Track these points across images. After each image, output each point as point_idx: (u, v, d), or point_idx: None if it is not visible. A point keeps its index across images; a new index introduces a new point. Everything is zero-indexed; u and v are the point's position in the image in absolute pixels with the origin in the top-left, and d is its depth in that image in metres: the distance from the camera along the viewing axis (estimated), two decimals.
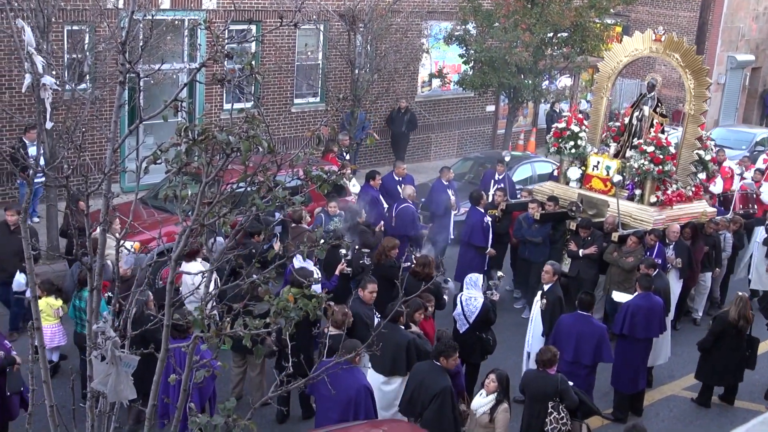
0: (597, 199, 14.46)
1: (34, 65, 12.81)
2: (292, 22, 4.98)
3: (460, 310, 10.82)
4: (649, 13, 31.61)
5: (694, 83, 14.24)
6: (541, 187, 15.57)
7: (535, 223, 13.99)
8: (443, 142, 24.70)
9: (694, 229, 13.95)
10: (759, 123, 33.14)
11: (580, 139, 14.78)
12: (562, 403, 9.16)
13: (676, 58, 14.35)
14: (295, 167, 4.50)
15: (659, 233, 13.47)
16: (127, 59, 4.40)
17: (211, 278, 4.61)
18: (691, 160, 14.45)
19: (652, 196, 14.10)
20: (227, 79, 4.56)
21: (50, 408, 4.71)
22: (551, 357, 9.32)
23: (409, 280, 10.89)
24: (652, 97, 14.74)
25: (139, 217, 13.73)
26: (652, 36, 14.56)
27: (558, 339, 10.71)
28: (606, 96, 15.27)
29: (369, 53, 19.62)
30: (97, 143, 17.46)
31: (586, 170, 14.84)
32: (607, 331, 10.87)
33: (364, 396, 8.57)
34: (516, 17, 20.20)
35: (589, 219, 13.88)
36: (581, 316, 10.72)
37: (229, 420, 4.28)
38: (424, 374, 8.96)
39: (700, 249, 14.08)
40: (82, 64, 14.65)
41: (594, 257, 13.39)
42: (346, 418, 8.37)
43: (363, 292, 10.25)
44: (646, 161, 13.87)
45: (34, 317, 4.77)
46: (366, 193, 15.16)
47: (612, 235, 13.50)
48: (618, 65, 15.13)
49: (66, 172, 4.85)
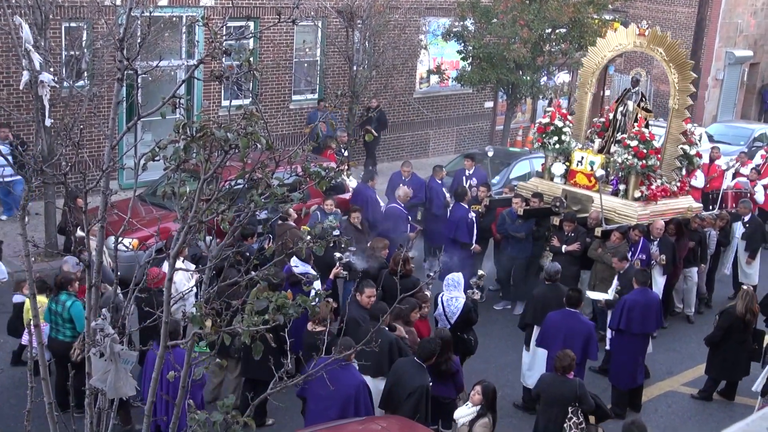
0: (581, 194, 14.36)
1: (31, 62, 12.84)
2: (290, 19, 4.97)
3: (441, 311, 10.63)
4: (648, 8, 31.59)
5: (678, 77, 14.13)
6: (525, 183, 15.48)
7: (518, 218, 13.88)
8: (441, 139, 24.69)
9: (678, 225, 13.84)
10: (757, 119, 33.15)
11: (564, 135, 14.67)
12: (581, 407, 9.10)
13: (660, 52, 14.22)
14: (294, 164, 4.49)
15: (643, 229, 13.36)
16: (125, 56, 4.39)
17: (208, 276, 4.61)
18: (676, 155, 14.34)
19: (636, 191, 13.97)
20: (225, 75, 4.56)
21: (49, 405, 4.71)
22: (570, 362, 9.21)
23: (386, 279, 10.85)
24: (637, 92, 14.64)
25: (137, 214, 13.72)
26: (636, 30, 14.43)
27: (546, 336, 10.65)
28: (590, 91, 15.12)
29: (367, 50, 19.62)
30: (95, 140, 17.44)
31: (571, 166, 14.73)
32: (594, 328, 10.77)
33: (363, 393, 8.53)
34: (514, 13, 20.19)
35: (574, 213, 13.78)
36: (569, 313, 10.60)
37: (228, 417, 4.28)
38: (404, 371, 8.88)
39: (684, 246, 13.94)
40: (79, 61, 14.63)
41: (576, 254, 13.27)
42: (347, 416, 8.36)
43: (361, 296, 10.04)
44: (630, 156, 13.75)
45: (33, 315, 4.77)
46: (362, 193, 15.06)
47: (595, 231, 13.41)
48: (602, 60, 15.03)
49: (64, 169, 4.84)
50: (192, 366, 4.49)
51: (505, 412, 11.09)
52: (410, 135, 23.62)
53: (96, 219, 4.54)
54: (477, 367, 12.06)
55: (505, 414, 11.05)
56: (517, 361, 11.71)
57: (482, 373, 11.86)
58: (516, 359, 11.79)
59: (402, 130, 23.40)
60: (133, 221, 11.54)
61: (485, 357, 12.40)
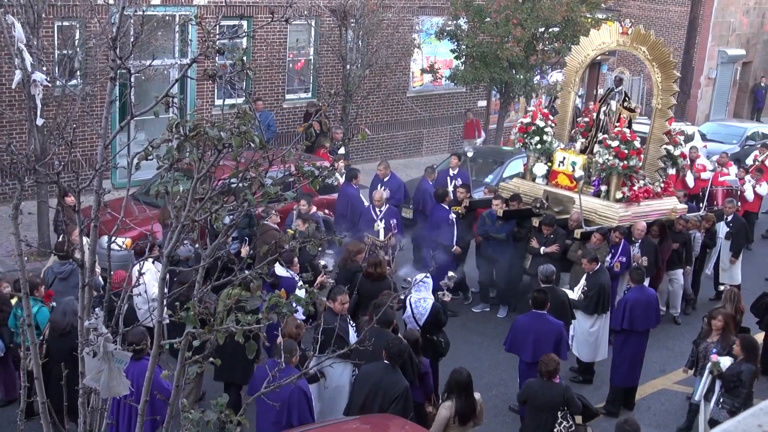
0: (563, 195, 14.11)
1: (24, 61, 12.80)
2: (283, 18, 4.97)
3: (409, 313, 10.30)
4: (641, 7, 31.68)
5: (662, 76, 13.89)
6: (506, 184, 15.28)
7: (498, 219, 13.68)
8: (435, 138, 24.72)
9: (662, 227, 13.64)
10: (750, 117, 33.27)
11: (546, 135, 14.45)
12: (569, 410, 9.05)
13: (642, 51, 14.00)
14: (287, 163, 4.49)
15: (624, 230, 13.12)
16: (118, 55, 4.39)
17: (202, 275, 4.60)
18: (659, 156, 14.13)
19: (618, 192, 13.69)
20: (218, 74, 4.55)
21: (42, 404, 4.70)
22: (556, 366, 9.12)
23: (362, 282, 10.50)
24: (620, 91, 14.41)
25: (130, 213, 13.70)
26: (619, 29, 14.21)
27: (515, 341, 10.47)
28: (574, 90, 14.92)
29: (360, 49, 19.62)
30: (88, 139, 17.42)
31: (552, 166, 14.52)
32: (564, 327, 10.61)
33: (297, 398, 8.25)
34: (507, 12, 20.22)
35: (552, 216, 13.56)
36: (537, 315, 10.41)
37: (222, 416, 4.28)
38: (379, 377, 8.55)
39: (667, 248, 13.73)
40: (72, 60, 14.62)
41: (555, 256, 13.05)
42: (280, 420, 8.20)
43: (333, 303, 9.60)
44: (611, 156, 13.49)
45: (26, 314, 4.76)
46: (344, 192, 14.84)
47: (574, 232, 13.21)
48: (585, 59, 14.74)
49: (57, 169, 4.83)
50: (186, 366, 4.49)
51: (499, 411, 11.13)
52: (404, 134, 23.64)
53: (89, 218, 4.53)
54: (471, 365, 12.09)
55: (499, 412, 11.09)
56: (510, 360, 11.72)
57: (476, 371, 11.92)
58: (508, 357, 11.81)
59: (395, 129, 23.43)
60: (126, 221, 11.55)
61: (478, 355, 12.44)
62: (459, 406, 8.58)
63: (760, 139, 24.71)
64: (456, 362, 10.32)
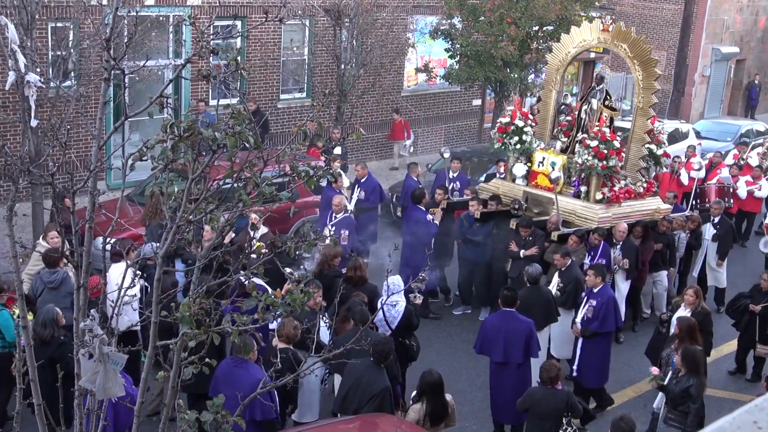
0: (542, 196, 13.83)
1: (17, 62, 12.76)
2: (277, 18, 4.97)
3: (381, 316, 9.97)
4: (634, 6, 31.73)
5: (643, 74, 13.55)
6: (486, 185, 15.04)
7: (476, 221, 13.43)
8: (429, 137, 24.72)
9: (645, 227, 13.34)
10: (744, 115, 33.32)
11: (526, 134, 14.16)
12: (573, 415, 8.97)
13: (624, 48, 13.67)
14: (282, 163, 4.49)
15: (603, 232, 12.81)
16: (112, 56, 4.38)
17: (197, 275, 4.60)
18: (641, 155, 13.87)
19: (598, 193, 13.40)
20: (213, 75, 4.55)
21: (38, 406, 4.69)
22: (557, 372, 9.01)
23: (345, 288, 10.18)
24: (601, 89, 14.13)
25: (125, 214, 13.69)
26: (600, 26, 13.94)
27: (485, 340, 10.25)
28: (555, 89, 14.53)
29: (355, 48, 19.61)
30: (83, 140, 17.40)
31: (532, 167, 14.26)
32: (534, 325, 10.35)
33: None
34: (501, 11, 20.24)
35: (529, 218, 13.24)
36: (506, 313, 10.16)
37: (218, 416, 4.28)
38: (362, 373, 8.49)
39: (648, 249, 13.40)
40: (66, 61, 14.59)
41: (534, 258, 12.70)
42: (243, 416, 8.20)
43: None
44: (590, 156, 13.19)
45: (21, 315, 4.75)
46: (325, 194, 14.42)
47: (551, 234, 12.95)
48: (567, 57, 14.40)
49: (51, 170, 4.83)
50: (182, 367, 4.49)
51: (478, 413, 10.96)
52: None
53: (84, 219, 4.53)
54: (467, 364, 12.09)
55: (479, 416, 10.92)
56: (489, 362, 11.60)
57: (471, 371, 11.91)
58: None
59: (390, 128, 23.42)
60: (121, 221, 11.52)
61: (473, 353, 12.38)
62: (430, 407, 8.55)
63: (754, 137, 24.70)
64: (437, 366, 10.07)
